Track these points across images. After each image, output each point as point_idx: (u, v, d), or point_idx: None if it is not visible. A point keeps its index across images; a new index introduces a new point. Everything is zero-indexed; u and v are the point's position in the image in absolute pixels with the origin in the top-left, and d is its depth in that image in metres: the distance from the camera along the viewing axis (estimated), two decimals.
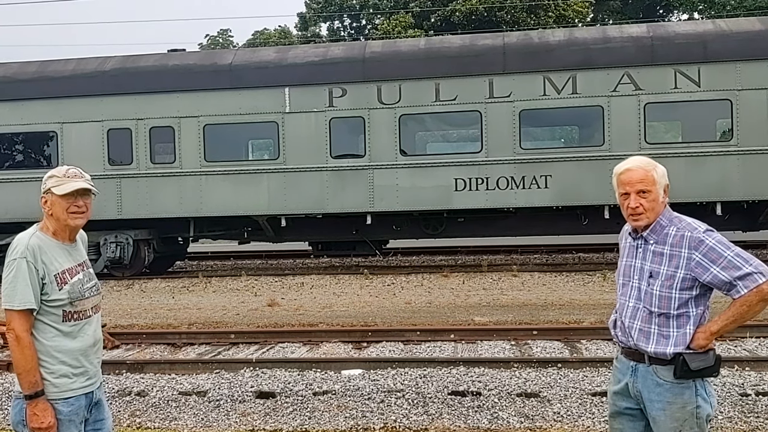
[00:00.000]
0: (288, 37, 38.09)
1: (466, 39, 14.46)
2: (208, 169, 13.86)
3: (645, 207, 2.90)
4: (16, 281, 2.85)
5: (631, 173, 2.93)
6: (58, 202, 2.95)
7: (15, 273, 2.85)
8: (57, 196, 2.95)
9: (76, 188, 2.95)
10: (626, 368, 2.99)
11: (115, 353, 8.27)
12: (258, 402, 6.19)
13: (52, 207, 2.97)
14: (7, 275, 2.86)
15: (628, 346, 2.97)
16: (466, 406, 5.88)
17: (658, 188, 2.91)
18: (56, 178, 2.98)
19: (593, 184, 12.88)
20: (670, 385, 2.85)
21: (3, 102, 14.32)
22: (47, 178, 3.00)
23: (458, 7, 31.59)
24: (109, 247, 14.00)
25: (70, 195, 2.94)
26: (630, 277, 2.99)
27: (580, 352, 7.69)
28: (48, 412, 2.84)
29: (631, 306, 2.95)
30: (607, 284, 12.22)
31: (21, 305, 2.84)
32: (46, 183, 2.98)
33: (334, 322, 9.70)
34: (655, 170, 2.93)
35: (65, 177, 2.98)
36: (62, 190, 2.94)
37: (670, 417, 2.85)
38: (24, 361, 2.83)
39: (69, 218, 2.97)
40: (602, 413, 5.66)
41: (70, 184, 2.96)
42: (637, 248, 2.98)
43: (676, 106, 13.04)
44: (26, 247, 2.89)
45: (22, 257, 2.87)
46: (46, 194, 2.97)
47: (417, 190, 13.36)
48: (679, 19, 34.07)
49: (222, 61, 14.26)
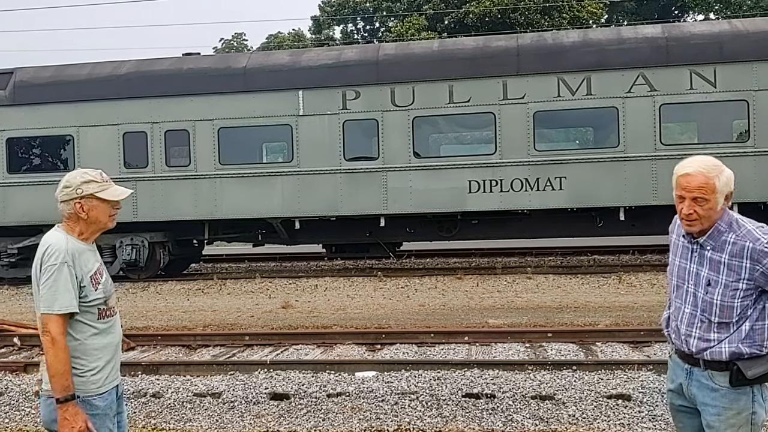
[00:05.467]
0: (302, 41, 38.23)
1: (480, 41, 14.44)
2: (223, 171, 13.92)
3: (699, 214, 2.72)
4: (57, 285, 2.88)
5: (690, 178, 2.72)
6: (101, 206, 3.01)
7: (56, 277, 2.89)
8: (101, 201, 3.00)
9: (128, 194, 3.07)
10: (681, 370, 2.91)
11: (130, 355, 8.32)
12: (272, 403, 6.20)
13: (91, 211, 3.00)
14: (47, 280, 2.89)
15: (682, 350, 2.89)
16: (481, 409, 5.85)
17: (718, 197, 2.70)
18: (96, 183, 3.01)
19: (608, 186, 12.82)
20: (726, 391, 2.76)
21: (20, 106, 14.48)
22: (83, 183, 3.00)
23: (472, 9, 31.57)
24: (125, 250, 14.10)
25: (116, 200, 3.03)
26: (684, 280, 2.86)
27: (595, 354, 7.64)
28: (79, 417, 2.86)
29: (688, 313, 2.84)
30: (622, 286, 12.15)
31: (61, 309, 2.87)
32: (84, 188, 2.99)
33: (347, 324, 9.70)
34: (718, 177, 2.71)
35: (105, 182, 3.04)
36: (110, 196, 3.01)
37: (725, 423, 2.77)
38: (58, 364, 2.86)
39: (109, 221, 3.06)
40: (618, 416, 5.63)
41: (117, 189, 3.05)
42: (692, 252, 2.83)
43: (692, 107, 12.94)
44: (66, 252, 2.93)
45: (63, 262, 2.90)
46: (83, 199, 2.98)
47: (430, 192, 13.35)
48: (695, 20, 33.83)
49: (236, 64, 14.33)
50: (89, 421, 2.90)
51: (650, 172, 12.68)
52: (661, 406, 5.72)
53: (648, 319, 9.37)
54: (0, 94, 14.62)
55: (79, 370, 2.93)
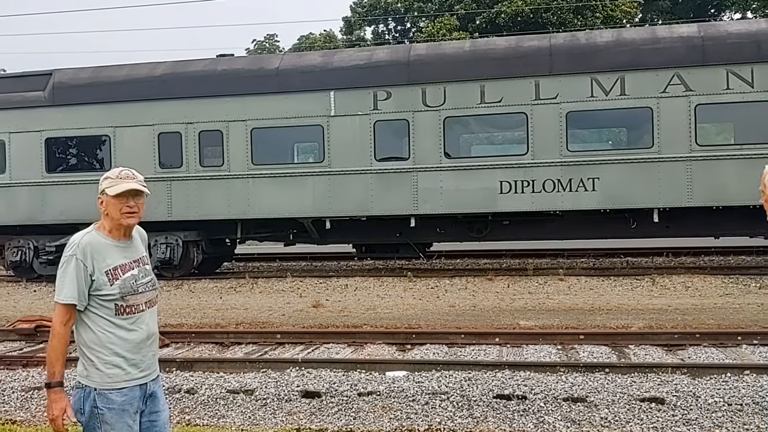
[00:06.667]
0: (333, 41, 38.40)
1: (512, 40, 14.37)
2: (255, 172, 14.06)
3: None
4: (65, 276, 3.03)
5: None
6: (111, 202, 3.09)
7: (65, 269, 3.05)
8: (110, 197, 3.09)
9: (127, 189, 3.10)
10: None
11: (165, 351, 8.44)
12: (304, 401, 6.26)
13: (106, 207, 3.12)
14: (60, 270, 3.06)
15: None
16: (512, 410, 5.84)
17: None
18: (110, 179, 3.13)
19: (642, 187, 12.66)
20: None
21: (59, 107, 14.79)
22: (102, 180, 3.15)
23: (503, 9, 31.39)
24: (160, 248, 14.32)
25: (122, 196, 3.08)
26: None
27: (628, 357, 7.56)
28: (58, 403, 3.00)
29: None
30: (656, 289, 11.99)
31: (64, 299, 3.02)
32: (102, 184, 3.13)
33: (377, 324, 9.73)
34: None
35: (118, 178, 3.12)
36: (114, 191, 3.09)
37: None
38: (52, 351, 3.04)
39: (122, 218, 3.11)
40: (651, 420, 5.57)
41: (122, 185, 3.10)
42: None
43: (729, 108, 12.70)
44: (77, 246, 3.06)
45: (72, 255, 3.05)
46: (101, 195, 3.13)
47: (461, 193, 13.32)
48: (731, 19, 33.21)
49: (269, 65, 14.46)
50: (69, 409, 3.01)
51: (685, 173, 12.49)
52: (695, 409, 5.65)
53: (682, 322, 9.24)
54: (39, 95, 14.97)
55: (96, 363, 3.02)
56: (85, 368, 3.06)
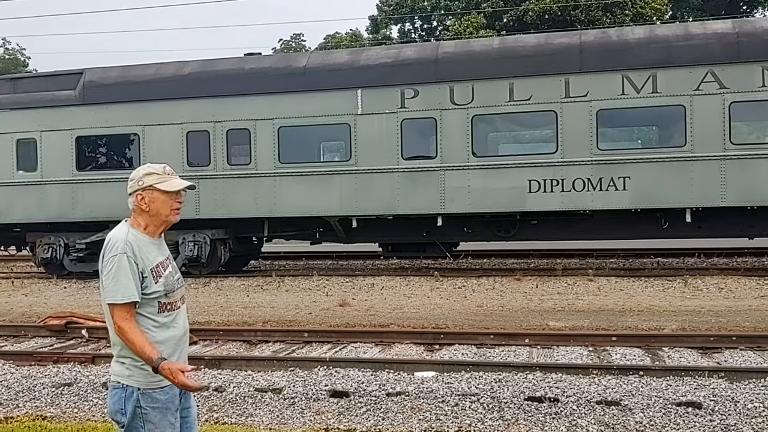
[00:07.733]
0: (359, 41, 38.40)
1: (542, 38, 14.18)
2: (282, 170, 14.07)
3: None
4: (119, 276, 2.91)
5: None
6: (161, 198, 3.01)
7: (117, 268, 2.92)
8: (161, 192, 3.00)
9: (185, 186, 3.04)
10: None
11: (193, 349, 8.46)
12: (332, 401, 6.21)
13: (152, 203, 3.01)
14: (108, 271, 2.94)
15: None
16: (544, 413, 5.73)
17: None
18: (157, 175, 3.03)
19: (674, 186, 12.43)
20: None
21: (89, 105, 14.94)
22: (145, 175, 3.03)
23: (531, 7, 31.11)
24: (187, 246, 14.40)
25: (175, 192, 3.01)
26: None
27: (662, 359, 7.40)
28: (175, 371, 2.87)
29: None
30: (688, 290, 11.76)
31: (124, 299, 2.91)
32: (145, 179, 3.02)
33: (405, 324, 9.67)
34: None
35: (166, 174, 3.04)
36: (169, 187, 3.01)
37: None
38: (134, 345, 2.91)
39: (171, 214, 3.05)
40: (688, 424, 5.42)
41: (176, 181, 3.04)
42: None
43: (764, 105, 12.40)
44: (125, 243, 2.96)
45: (123, 253, 2.94)
46: (144, 191, 3.01)
47: (489, 192, 13.19)
48: (765, 15, 32.56)
49: (296, 64, 14.45)
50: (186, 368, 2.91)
51: (719, 172, 12.23)
52: (734, 415, 5.50)
53: (716, 324, 9.04)
54: (70, 94, 15.14)
55: (140, 362, 2.95)
56: (127, 368, 2.98)
